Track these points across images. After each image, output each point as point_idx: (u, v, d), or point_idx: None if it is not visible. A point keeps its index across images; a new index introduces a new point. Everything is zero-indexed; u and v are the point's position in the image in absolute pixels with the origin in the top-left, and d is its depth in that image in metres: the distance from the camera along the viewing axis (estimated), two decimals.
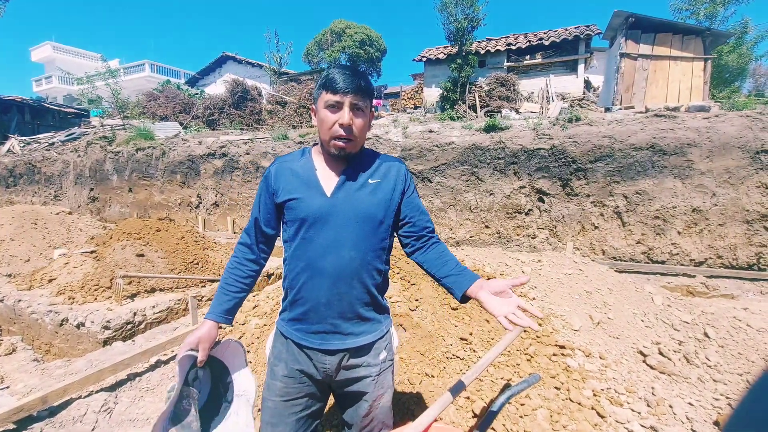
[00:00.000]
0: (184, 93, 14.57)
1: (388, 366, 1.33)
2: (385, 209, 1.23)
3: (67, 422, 2.38)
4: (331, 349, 1.22)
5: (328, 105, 1.14)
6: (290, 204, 1.21)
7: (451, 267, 1.22)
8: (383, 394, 1.31)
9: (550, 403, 2.26)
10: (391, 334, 1.36)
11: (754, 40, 11.02)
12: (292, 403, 1.25)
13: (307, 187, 1.21)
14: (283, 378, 1.25)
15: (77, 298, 4.08)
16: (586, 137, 5.80)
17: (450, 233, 6.49)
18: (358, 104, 1.15)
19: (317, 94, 1.19)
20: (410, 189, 1.31)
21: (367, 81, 1.18)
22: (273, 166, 1.28)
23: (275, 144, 8.03)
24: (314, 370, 1.23)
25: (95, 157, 10.01)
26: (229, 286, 1.30)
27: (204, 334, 1.23)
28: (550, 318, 3.17)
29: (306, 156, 1.28)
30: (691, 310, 3.51)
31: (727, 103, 6.44)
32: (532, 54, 9.76)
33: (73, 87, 20.79)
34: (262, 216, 1.29)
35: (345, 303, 1.20)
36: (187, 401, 1.19)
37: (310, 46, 13.66)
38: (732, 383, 2.56)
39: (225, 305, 1.29)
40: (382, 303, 1.31)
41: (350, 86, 1.12)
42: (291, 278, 1.24)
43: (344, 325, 1.21)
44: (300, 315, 1.23)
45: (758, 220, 4.99)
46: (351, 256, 1.18)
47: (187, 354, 1.19)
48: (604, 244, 5.65)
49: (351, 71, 1.16)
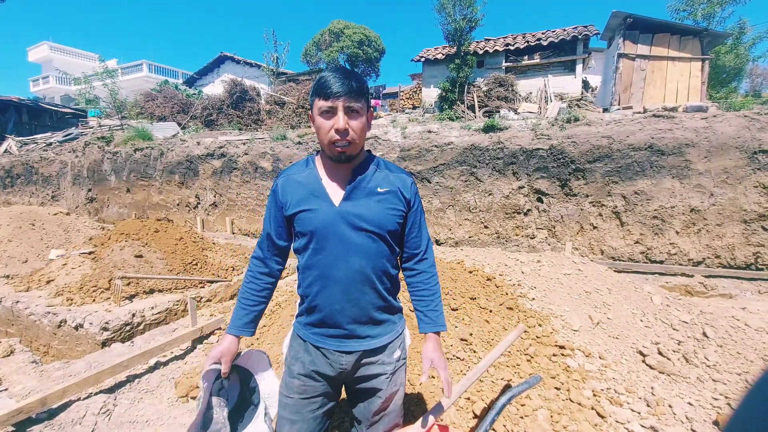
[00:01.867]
0: (182, 93, 14.53)
1: (402, 364, 1.37)
2: (394, 218, 1.25)
3: (66, 424, 2.37)
4: (348, 350, 1.26)
5: (322, 112, 1.14)
6: (300, 216, 1.23)
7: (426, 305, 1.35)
8: (397, 391, 1.34)
9: (550, 404, 2.27)
10: (404, 334, 1.40)
11: (751, 41, 11.05)
12: (309, 401, 1.29)
13: (315, 198, 1.22)
14: (300, 376, 1.29)
15: (75, 299, 4.06)
16: (584, 137, 5.82)
17: (449, 233, 6.50)
18: (352, 106, 1.14)
19: (311, 102, 1.19)
20: (416, 204, 1.33)
21: (358, 81, 1.16)
22: (280, 180, 1.29)
23: (274, 144, 8.02)
24: (330, 368, 1.27)
25: (93, 158, 9.97)
26: (246, 300, 1.34)
27: (225, 348, 1.28)
28: (550, 318, 3.17)
29: (310, 166, 1.29)
30: (690, 309, 3.52)
31: (724, 104, 6.47)
32: (530, 54, 9.78)
33: (70, 87, 20.74)
34: (273, 230, 1.32)
35: (358, 308, 1.23)
36: (215, 411, 1.25)
37: (309, 46, 13.65)
38: (731, 383, 2.57)
39: (244, 319, 1.33)
40: (395, 304, 1.34)
41: (341, 89, 1.11)
42: (305, 287, 1.27)
43: (360, 329, 1.25)
44: (317, 321, 1.26)
45: (756, 219, 5.01)
46: (361, 264, 1.21)
47: (211, 368, 1.26)
48: (603, 244, 5.66)
49: (341, 73, 1.14)
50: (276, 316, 3.61)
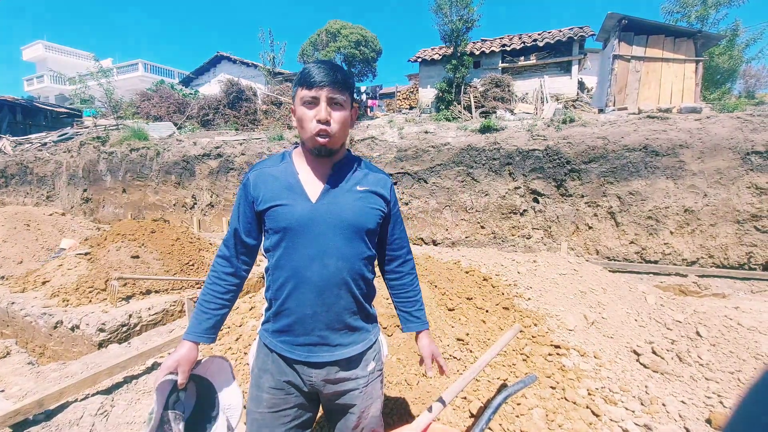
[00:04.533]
0: (178, 93, 14.47)
1: (377, 376, 1.30)
2: (374, 218, 1.20)
3: (63, 425, 2.36)
4: (318, 362, 1.17)
5: (305, 101, 1.10)
6: (272, 211, 1.14)
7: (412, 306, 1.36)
8: (371, 404, 1.27)
9: (545, 403, 2.29)
10: (380, 343, 1.33)
11: (745, 42, 11.16)
12: (280, 414, 1.19)
13: (290, 193, 1.15)
14: (270, 389, 1.19)
15: (71, 300, 4.05)
16: (580, 138, 5.86)
17: (445, 234, 6.52)
18: (336, 98, 1.10)
19: (294, 92, 1.14)
20: (395, 204, 1.30)
21: (344, 74, 1.11)
22: (251, 173, 1.20)
23: (271, 144, 8.01)
24: (301, 382, 1.19)
25: (88, 158, 9.92)
26: (208, 304, 1.22)
27: (183, 357, 1.15)
28: (546, 318, 3.20)
29: (286, 160, 1.22)
30: (684, 309, 3.56)
31: (718, 105, 6.54)
32: (526, 55, 9.83)
33: (65, 86, 20.59)
34: (242, 226, 1.22)
35: (332, 314, 1.15)
36: (168, 425, 1.13)
37: (306, 46, 13.64)
38: (724, 381, 2.60)
39: (204, 324, 1.20)
40: (371, 311, 1.28)
41: (326, 79, 1.07)
42: (274, 289, 1.17)
43: (332, 336, 1.16)
44: (285, 327, 1.17)
45: (749, 220, 5.07)
46: (337, 266, 1.13)
47: (166, 378, 1.12)
48: (598, 244, 5.71)
49: (327, 65, 1.10)
50: None
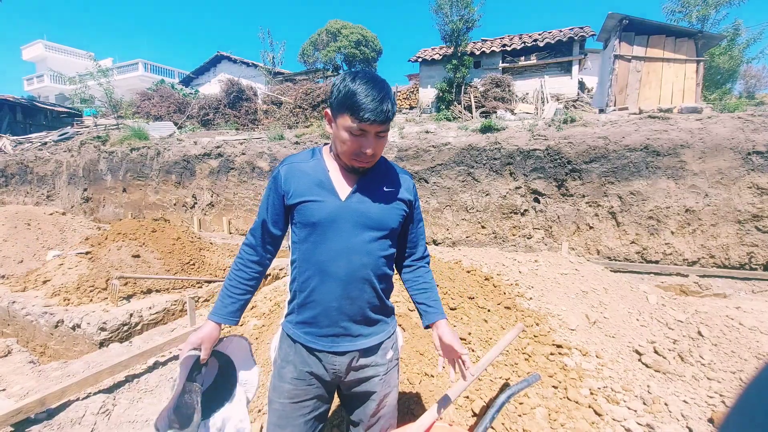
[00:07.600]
0: (178, 92, 14.47)
1: (395, 365, 1.36)
2: (397, 217, 1.25)
3: (65, 424, 2.36)
4: (341, 351, 1.22)
5: (351, 131, 1.08)
6: (303, 206, 1.18)
7: (429, 296, 1.35)
8: (390, 392, 1.33)
9: (548, 402, 2.29)
10: (396, 334, 1.39)
11: (745, 42, 11.16)
12: (300, 405, 1.24)
13: (321, 190, 1.18)
14: (292, 380, 1.24)
15: (72, 299, 4.05)
16: (580, 138, 5.86)
17: (446, 233, 6.52)
18: (383, 130, 1.11)
19: (337, 112, 1.11)
20: (417, 204, 1.35)
21: (393, 104, 1.11)
22: (283, 167, 1.23)
23: (271, 144, 8.01)
24: (324, 371, 1.24)
25: (89, 157, 9.92)
26: (234, 288, 1.28)
27: (206, 335, 1.23)
28: (547, 318, 3.20)
29: (317, 157, 1.25)
30: (685, 309, 3.56)
31: (718, 105, 6.54)
32: (526, 55, 9.83)
33: (65, 86, 20.57)
34: (270, 217, 1.26)
35: (356, 307, 1.20)
36: (189, 395, 1.23)
37: (306, 46, 13.65)
38: (725, 381, 2.60)
39: (230, 307, 1.27)
40: (389, 305, 1.34)
41: (379, 117, 1.05)
42: (301, 281, 1.22)
43: (354, 327, 1.22)
44: (310, 318, 1.22)
45: (750, 220, 5.07)
46: (362, 261, 1.18)
47: (189, 354, 1.22)
48: (599, 244, 5.71)
49: (379, 95, 1.05)
50: (275, 315, 3.61)
